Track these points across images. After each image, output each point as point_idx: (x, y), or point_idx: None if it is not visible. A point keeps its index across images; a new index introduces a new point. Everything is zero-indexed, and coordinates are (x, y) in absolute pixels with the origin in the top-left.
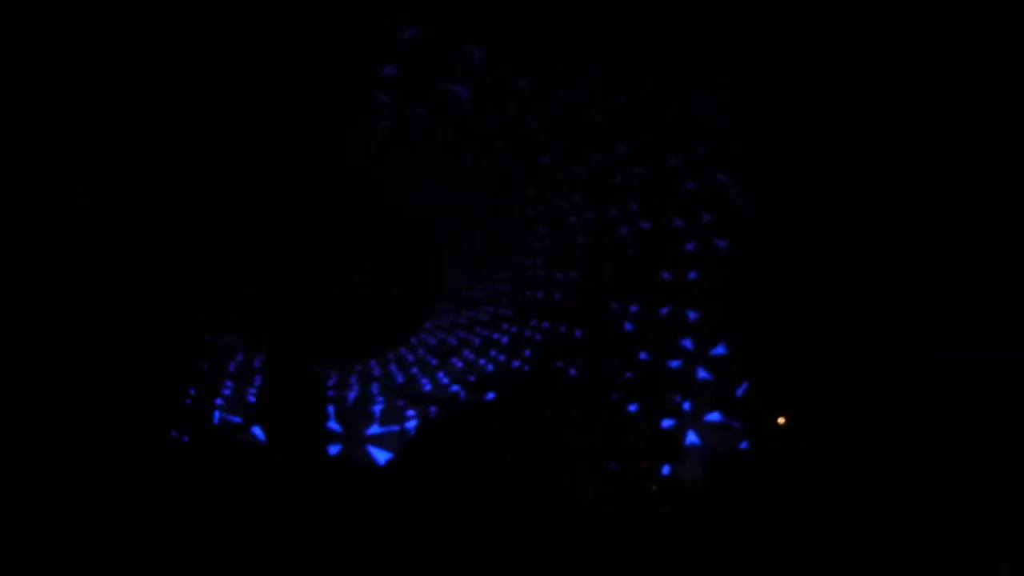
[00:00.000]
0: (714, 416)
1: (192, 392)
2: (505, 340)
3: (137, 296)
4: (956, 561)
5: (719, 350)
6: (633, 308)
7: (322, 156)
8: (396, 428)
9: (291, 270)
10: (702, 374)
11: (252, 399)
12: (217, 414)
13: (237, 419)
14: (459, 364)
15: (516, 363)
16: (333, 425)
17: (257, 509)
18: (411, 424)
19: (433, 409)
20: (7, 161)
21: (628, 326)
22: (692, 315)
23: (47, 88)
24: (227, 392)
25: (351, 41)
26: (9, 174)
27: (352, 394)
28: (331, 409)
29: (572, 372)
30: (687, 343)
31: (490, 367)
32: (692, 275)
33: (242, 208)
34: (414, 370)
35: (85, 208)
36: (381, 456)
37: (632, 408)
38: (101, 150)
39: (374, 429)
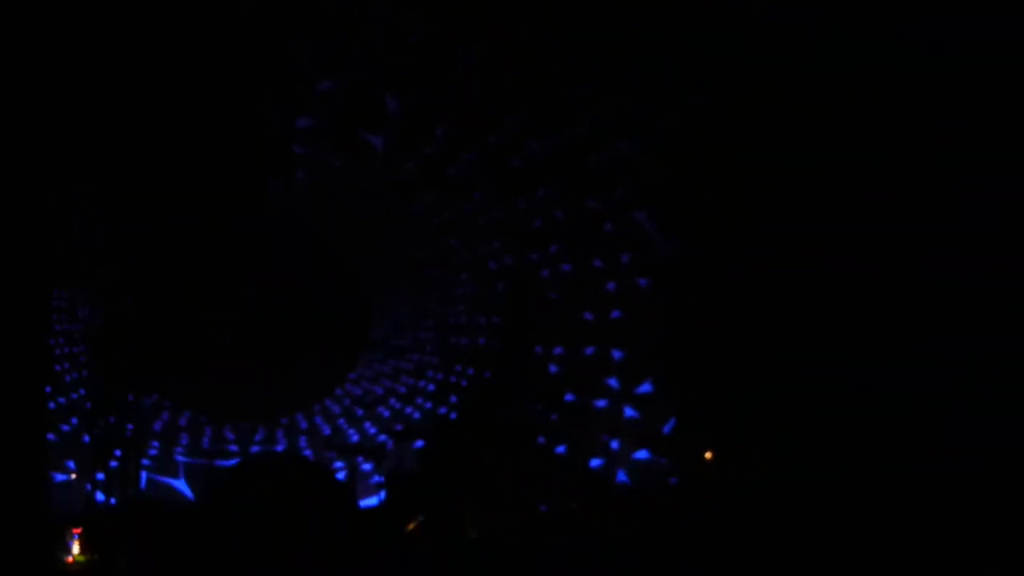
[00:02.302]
0: (642, 454)
1: (118, 453)
2: (431, 387)
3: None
4: None
5: (645, 387)
6: (557, 350)
7: (243, 210)
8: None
9: (213, 326)
10: (629, 412)
11: (179, 458)
12: (144, 475)
13: (165, 479)
14: (386, 413)
15: (443, 410)
16: None
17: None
18: (339, 476)
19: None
20: None
21: (553, 368)
22: (617, 354)
23: None
24: (153, 452)
25: (266, 93)
26: None
27: (279, 448)
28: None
29: (498, 416)
30: (612, 382)
31: (416, 415)
32: (615, 314)
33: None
34: (341, 421)
35: None
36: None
37: (560, 449)
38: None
39: None
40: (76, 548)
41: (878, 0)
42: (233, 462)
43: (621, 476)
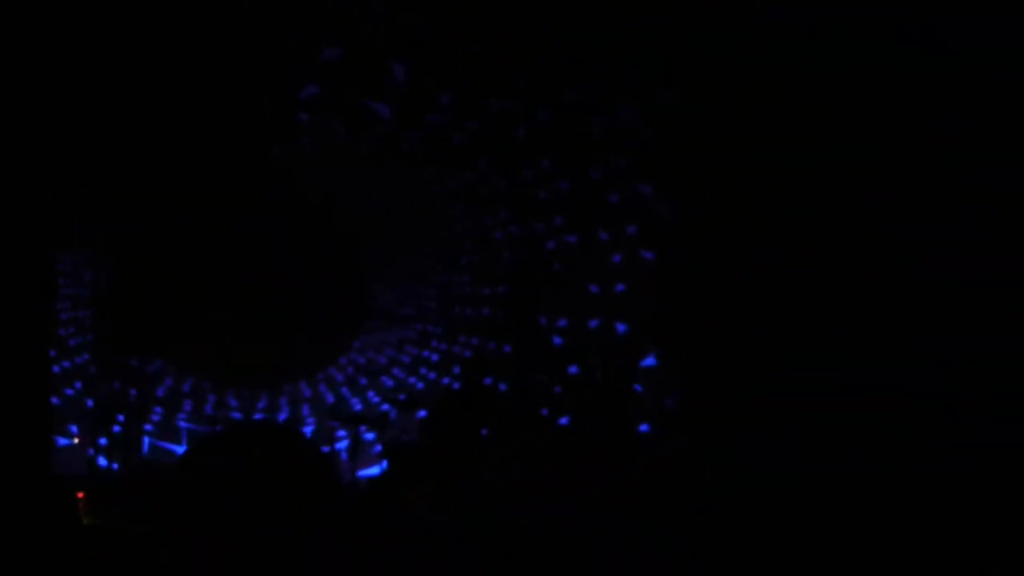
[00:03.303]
0: (644, 428)
1: (121, 418)
2: (435, 358)
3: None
4: None
5: (649, 361)
6: (562, 322)
7: (244, 177)
8: (327, 449)
9: (217, 293)
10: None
11: (182, 424)
12: (147, 440)
13: (167, 445)
14: (389, 383)
15: (446, 380)
16: None
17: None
18: (341, 445)
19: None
20: None
21: (557, 340)
22: (621, 327)
23: None
24: (156, 418)
25: (271, 60)
26: None
27: (282, 416)
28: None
29: (502, 388)
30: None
31: (420, 385)
32: (620, 287)
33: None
34: (344, 390)
35: None
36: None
37: (563, 421)
38: None
39: None
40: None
41: None
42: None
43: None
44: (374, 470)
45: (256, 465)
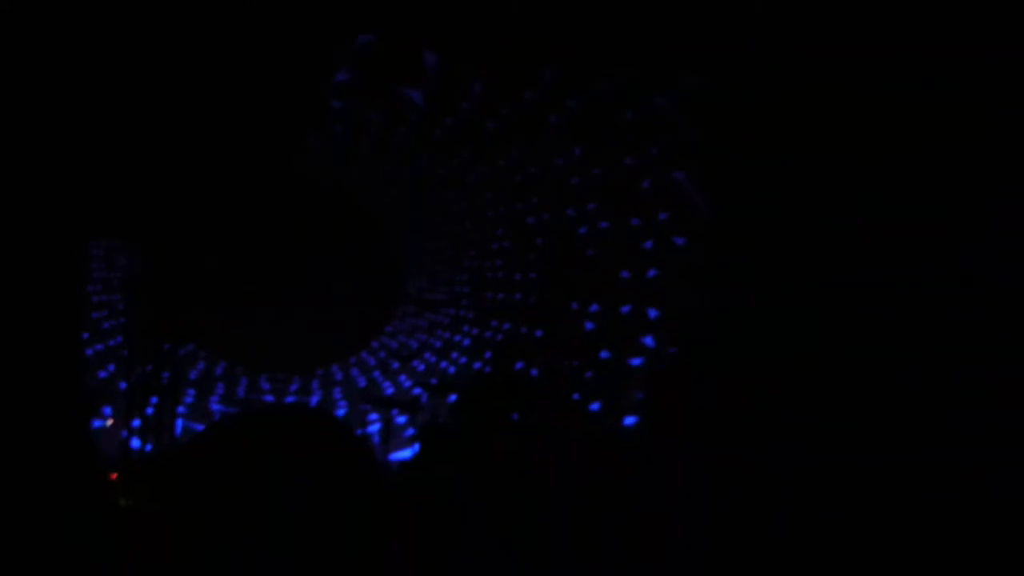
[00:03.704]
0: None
1: (154, 400)
2: (466, 342)
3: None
4: None
5: (675, 349)
6: (593, 307)
7: (277, 163)
8: (359, 432)
9: (250, 277)
10: (662, 368)
11: (215, 407)
12: (180, 422)
13: (200, 427)
14: (421, 367)
15: (477, 364)
16: None
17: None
18: (373, 428)
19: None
20: None
21: (589, 325)
22: (653, 313)
23: None
24: (188, 401)
25: (305, 47)
26: None
27: (314, 399)
28: None
29: (533, 372)
30: (648, 340)
31: (451, 369)
32: (651, 273)
33: (200, 217)
34: (376, 374)
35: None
36: None
37: (594, 407)
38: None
39: None
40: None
41: None
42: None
43: (650, 431)
44: (406, 453)
45: (291, 448)
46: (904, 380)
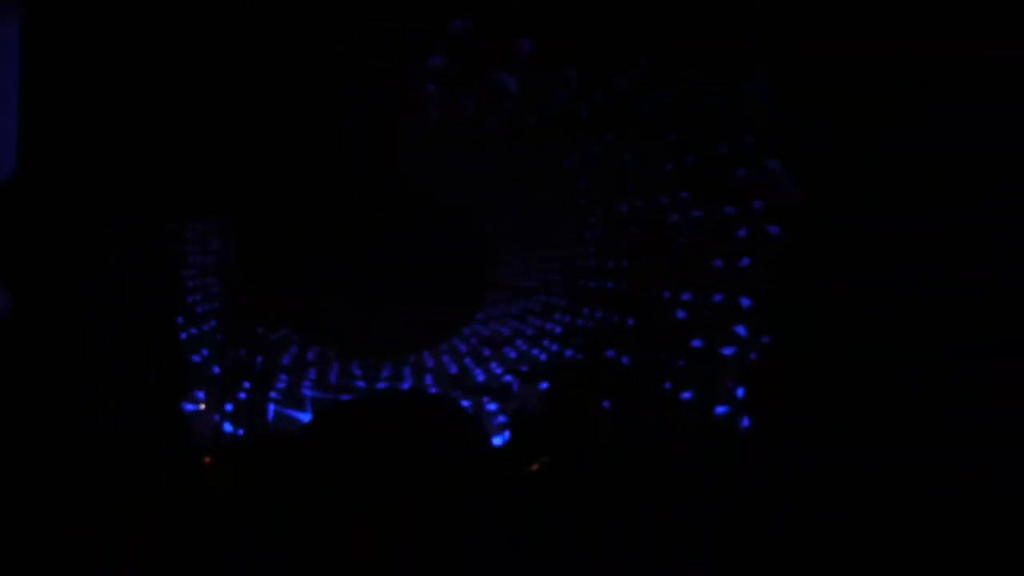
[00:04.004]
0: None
1: (246, 385)
2: (558, 330)
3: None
4: None
5: (767, 339)
6: (685, 296)
7: (370, 150)
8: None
9: (343, 264)
10: (755, 358)
11: (307, 392)
12: (272, 407)
13: (292, 412)
14: (512, 354)
15: (569, 352)
16: None
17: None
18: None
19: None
20: None
21: (681, 314)
22: (745, 302)
23: None
24: (281, 386)
25: (399, 32)
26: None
27: (405, 385)
28: None
29: (624, 361)
30: (740, 330)
31: (543, 356)
32: (744, 262)
33: (293, 202)
34: (467, 361)
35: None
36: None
37: (686, 396)
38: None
39: None
40: (207, 476)
41: None
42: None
43: (746, 423)
44: (497, 441)
45: (406, 433)
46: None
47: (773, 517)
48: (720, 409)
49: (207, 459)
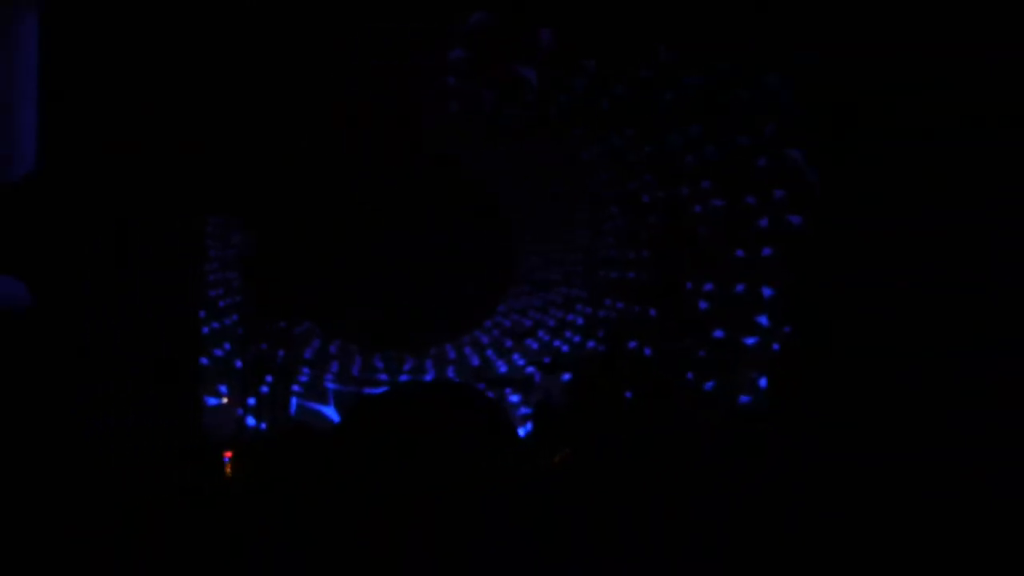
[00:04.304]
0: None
1: (269, 379)
2: (580, 321)
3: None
4: None
5: (788, 328)
6: (707, 286)
7: (393, 143)
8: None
9: (364, 257)
10: (778, 349)
11: (329, 385)
12: (294, 401)
13: (314, 405)
14: (534, 345)
15: (591, 343)
16: None
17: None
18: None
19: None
20: None
21: (702, 304)
22: (767, 292)
23: None
24: (303, 379)
25: (420, 24)
26: None
27: (428, 377)
28: None
29: (647, 352)
30: (763, 319)
31: (565, 348)
32: (766, 252)
33: (316, 197)
34: (489, 352)
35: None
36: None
37: (708, 385)
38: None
39: None
40: (227, 471)
41: None
42: (382, 390)
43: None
44: (519, 432)
45: (435, 426)
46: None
47: (795, 507)
48: (743, 399)
49: (228, 453)
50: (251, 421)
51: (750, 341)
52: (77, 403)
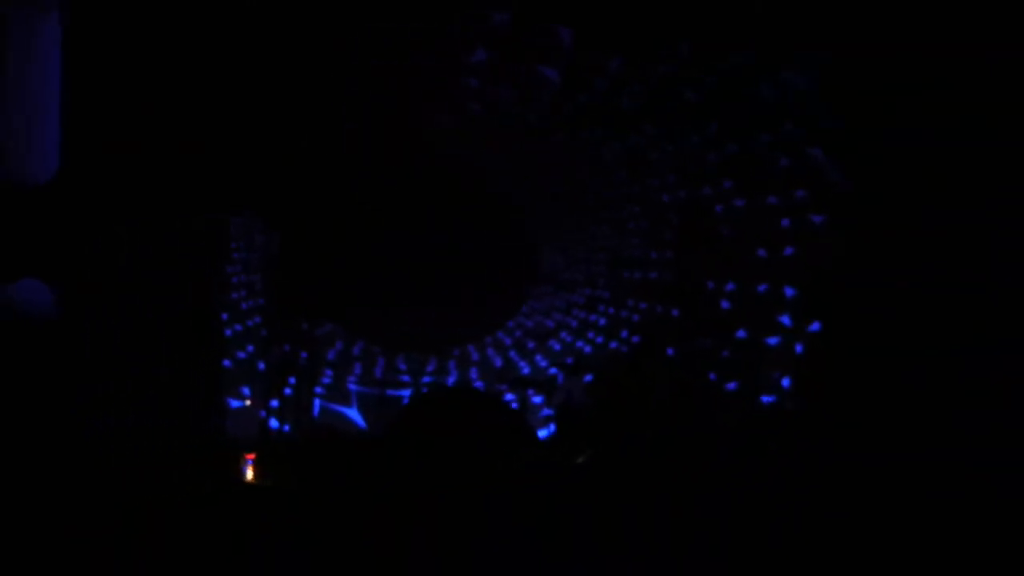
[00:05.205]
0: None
1: (292, 381)
2: (602, 322)
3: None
4: None
5: (817, 326)
6: (729, 286)
7: (413, 145)
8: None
9: (387, 258)
10: (801, 350)
11: (352, 387)
12: (317, 403)
13: (337, 407)
14: (557, 346)
15: (614, 344)
16: None
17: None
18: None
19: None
20: None
21: (725, 304)
22: (789, 291)
23: None
24: (326, 381)
25: (440, 26)
26: None
27: (451, 379)
28: None
29: (669, 352)
30: (785, 319)
31: (588, 349)
32: (788, 251)
33: (335, 197)
34: (512, 353)
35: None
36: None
37: (731, 385)
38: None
39: None
40: (250, 473)
41: None
42: (408, 392)
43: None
44: (542, 433)
45: (456, 430)
46: None
47: (811, 508)
48: (765, 398)
49: (250, 455)
50: (274, 423)
51: (773, 341)
52: (92, 405)
